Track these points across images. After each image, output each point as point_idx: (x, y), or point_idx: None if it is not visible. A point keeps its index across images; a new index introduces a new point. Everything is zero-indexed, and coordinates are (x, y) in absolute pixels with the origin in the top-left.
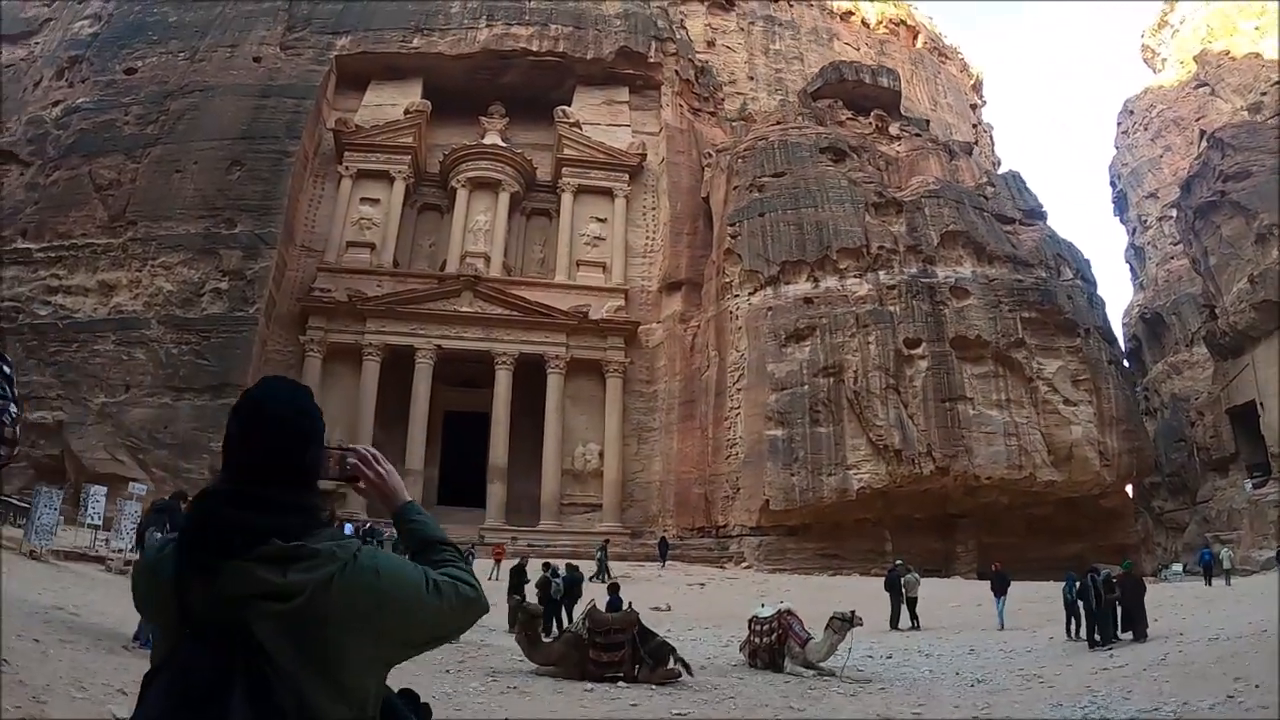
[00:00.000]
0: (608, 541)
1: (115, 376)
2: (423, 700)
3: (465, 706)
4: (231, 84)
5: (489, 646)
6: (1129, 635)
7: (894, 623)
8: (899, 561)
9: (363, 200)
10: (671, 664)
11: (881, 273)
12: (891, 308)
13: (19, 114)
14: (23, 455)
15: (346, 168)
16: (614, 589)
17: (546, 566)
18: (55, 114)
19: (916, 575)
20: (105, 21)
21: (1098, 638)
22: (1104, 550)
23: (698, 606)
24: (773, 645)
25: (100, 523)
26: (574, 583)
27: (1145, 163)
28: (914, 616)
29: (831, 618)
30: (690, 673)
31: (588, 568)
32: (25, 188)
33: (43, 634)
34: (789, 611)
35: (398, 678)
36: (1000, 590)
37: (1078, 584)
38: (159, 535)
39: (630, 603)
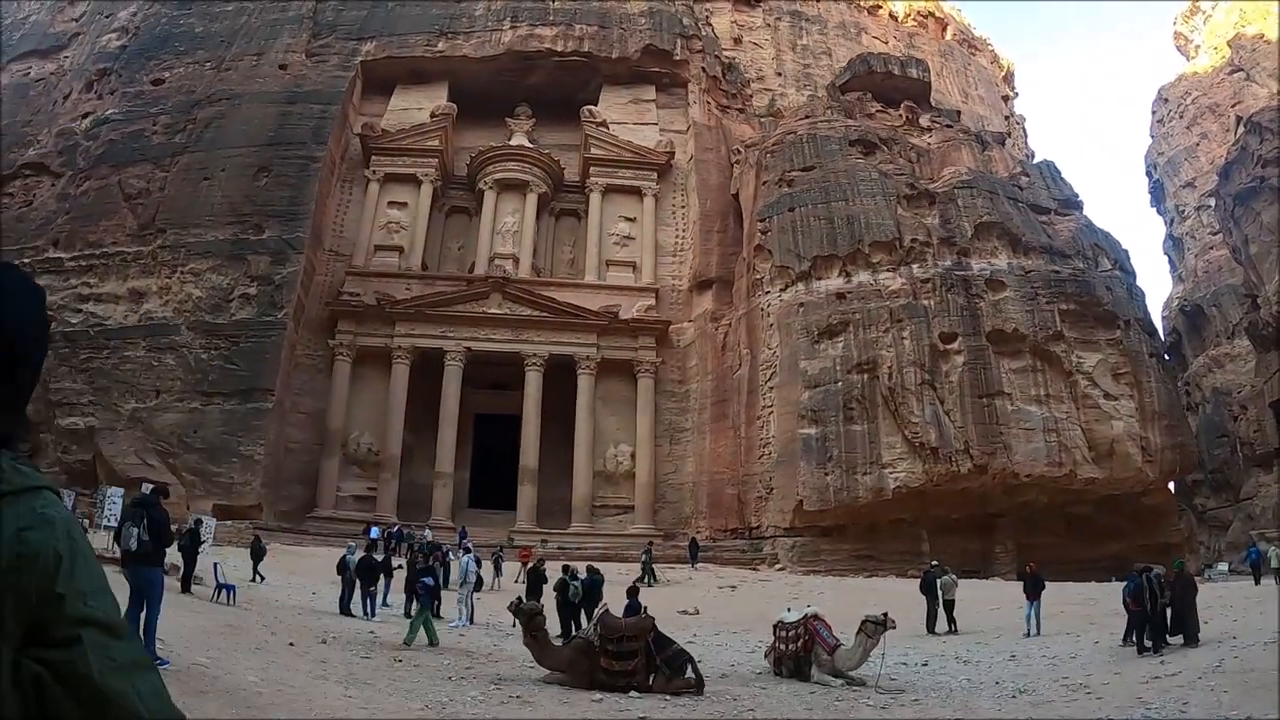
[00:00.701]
0: (652, 544)
1: (146, 382)
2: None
3: (458, 717)
4: (258, 91)
5: (501, 651)
6: (1179, 639)
7: (930, 626)
8: (935, 563)
9: (390, 204)
10: (689, 674)
11: (915, 266)
12: (926, 301)
13: (49, 126)
14: (55, 461)
15: (373, 172)
16: (632, 592)
17: (566, 569)
18: (84, 125)
19: (953, 577)
20: (132, 34)
21: (1148, 643)
22: (1147, 550)
23: (727, 610)
24: (798, 652)
25: (116, 524)
26: (594, 586)
27: (1181, 151)
28: (951, 620)
29: (864, 621)
30: (702, 688)
31: (615, 570)
32: (56, 198)
33: None
34: (816, 616)
35: (392, 684)
36: (1034, 594)
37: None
38: (135, 531)
39: (646, 608)
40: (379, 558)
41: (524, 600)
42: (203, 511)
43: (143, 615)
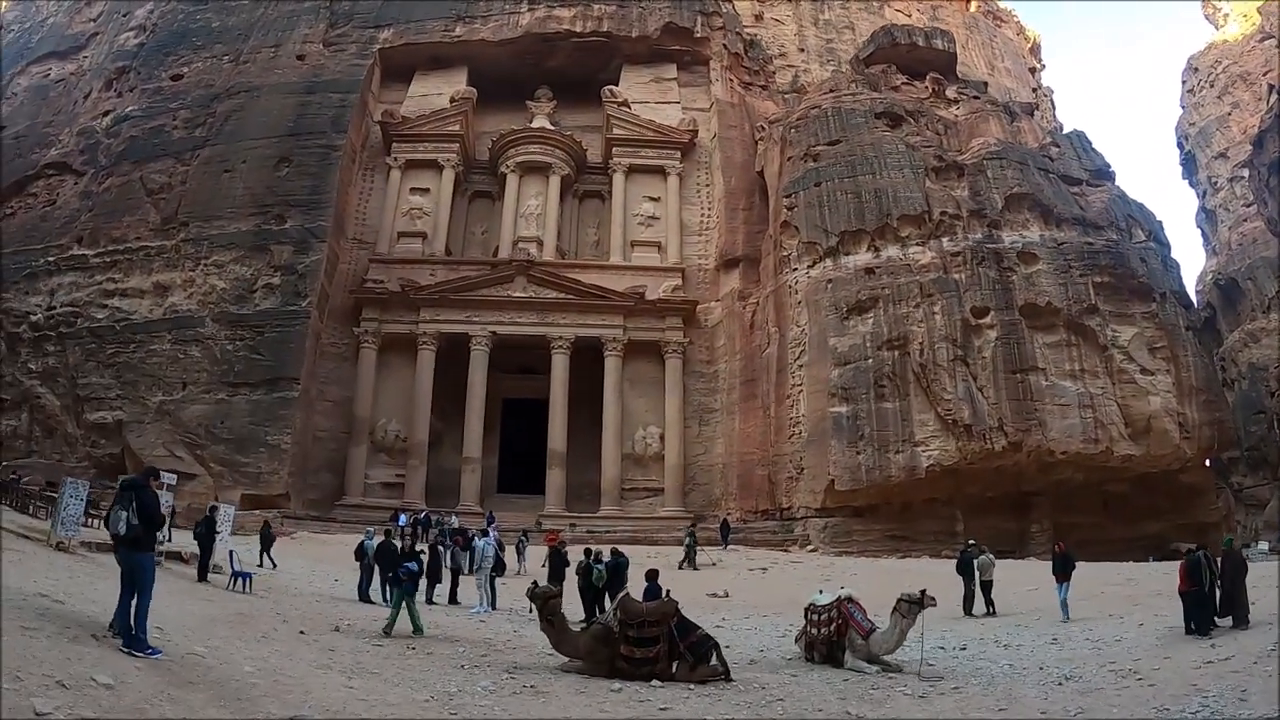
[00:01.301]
0: (695, 525)
1: (172, 375)
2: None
3: (464, 709)
4: (276, 83)
5: (520, 638)
6: (1227, 621)
7: (967, 608)
8: (971, 542)
9: (412, 190)
10: (714, 661)
11: (945, 239)
12: (956, 275)
13: (70, 126)
14: (84, 455)
15: (395, 159)
16: (652, 575)
17: (588, 552)
18: (105, 124)
19: (990, 557)
20: (150, 31)
21: (1193, 625)
22: (1184, 529)
23: (758, 593)
24: (831, 637)
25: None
26: (618, 569)
27: (1213, 121)
28: (989, 601)
29: (899, 600)
30: (729, 676)
31: (644, 553)
32: (79, 196)
33: (5, 620)
34: (850, 599)
35: (400, 674)
36: (1063, 575)
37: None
38: (124, 514)
39: (668, 590)
40: (398, 543)
41: (538, 585)
42: (230, 501)
43: (134, 604)
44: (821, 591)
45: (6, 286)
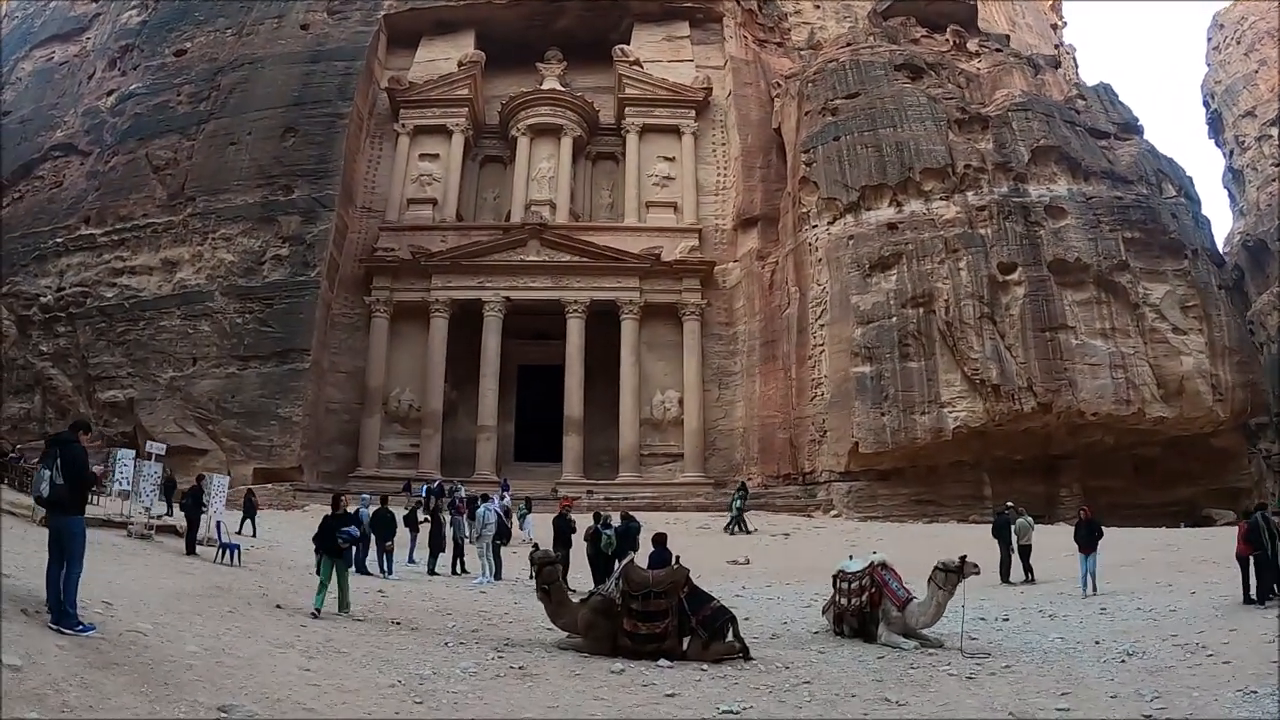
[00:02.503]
0: (744, 487)
1: (182, 350)
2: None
3: (432, 696)
4: (281, 53)
5: (520, 611)
6: None
7: (1004, 575)
8: (1009, 504)
9: (421, 156)
10: (730, 637)
11: (970, 193)
12: (982, 230)
13: (75, 107)
14: (97, 435)
15: (403, 125)
16: (660, 540)
17: (597, 516)
18: (110, 102)
19: (1029, 520)
20: (152, 9)
21: (1253, 594)
22: (1216, 495)
23: (780, 559)
24: (862, 608)
25: (129, 487)
26: (629, 534)
27: (1240, 79)
28: (1028, 568)
29: (935, 569)
30: (748, 655)
31: (662, 519)
32: (86, 176)
33: None
34: (883, 564)
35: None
36: (1088, 545)
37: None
38: (48, 473)
39: (678, 556)
40: (404, 513)
41: (538, 548)
42: (244, 476)
43: (63, 574)
44: (851, 557)
45: (16, 270)
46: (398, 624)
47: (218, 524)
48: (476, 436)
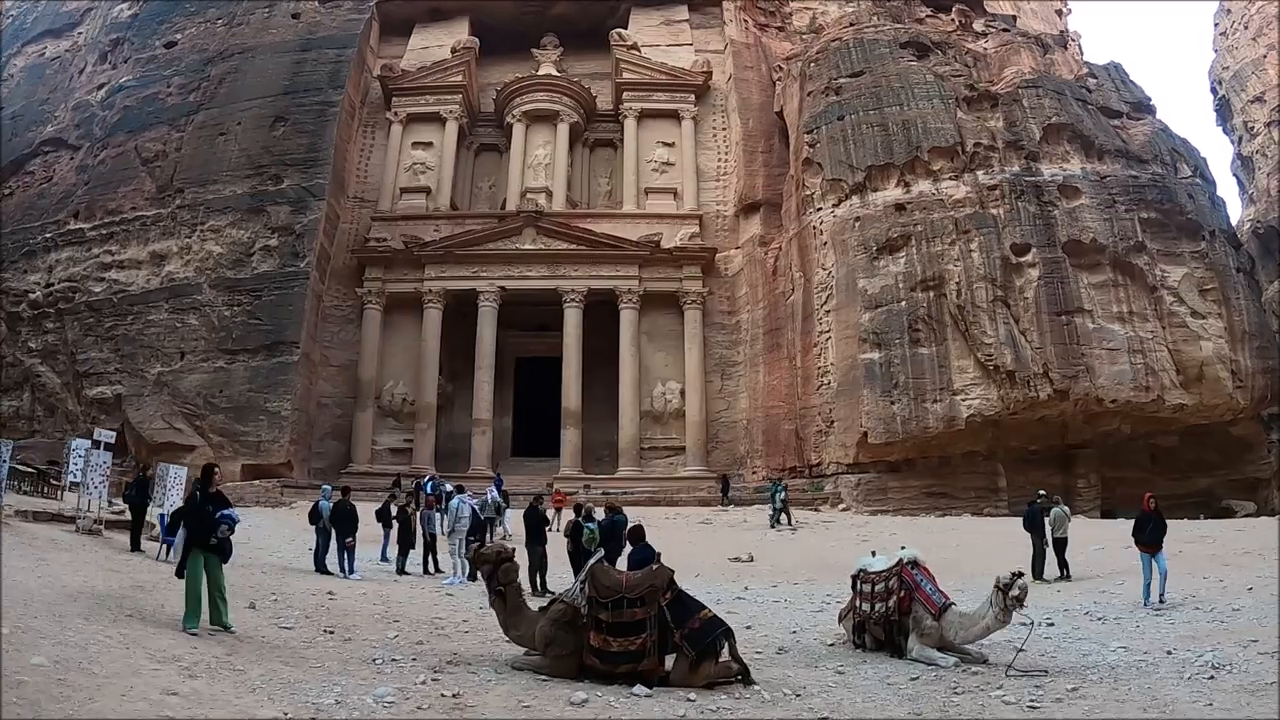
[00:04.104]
0: (782, 480)
1: (170, 345)
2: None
3: None
4: (271, 43)
5: (483, 620)
6: None
7: (1037, 571)
8: (1041, 493)
9: (415, 145)
10: (725, 656)
11: (980, 173)
12: (994, 210)
13: (65, 102)
14: (85, 433)
15: (395, 113)
16: (636, 535)
17: (578, 509)
18: (100, 96)
19: (1065, 509)
20: (143, 2)
21: None
22: (1234, 485)
23: (787, 556)
24: (888, 615)
25: (80, 479)
26: (615, 528)
27: (1248, 65)
28: (1063, 564)
29: (997, 589)
30: (748, 679)
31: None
32: (75, 170)
33: None
34: (913, 562)
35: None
36: (1154, 542)
37: None
38: None
39: (659, 555)
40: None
41: (485, 543)
42: (232, 473)
43: None
44: (874, 554)
45: (6, 267)
46: (330, 633)
47: (161, 517)
48: (472, 431)
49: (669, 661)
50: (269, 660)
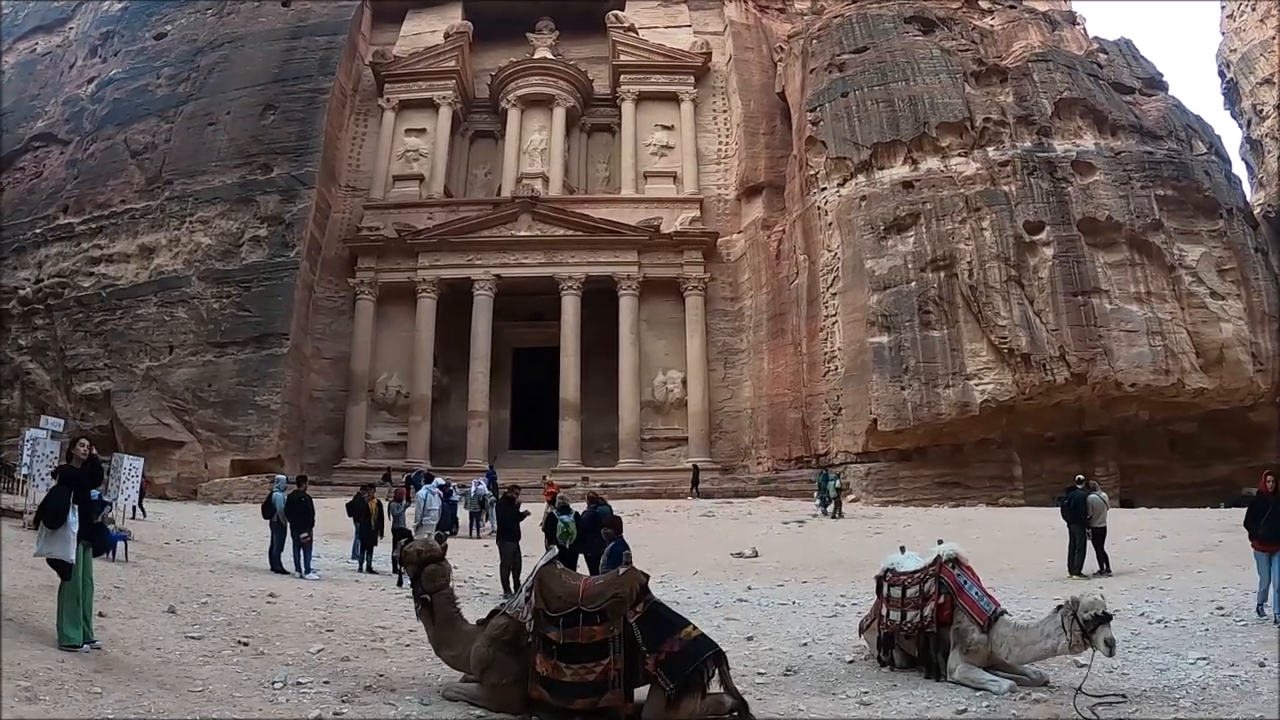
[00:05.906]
0: (831, 470)
1: (158, 339)
2: None
3: None
4: (261, 31)
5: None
6: None
7: (1074, 565)
8: (1079, 478)
9: (408, 132)
10: (714, 688)
11: (990, 149)
12: (1006, 187)
13: (56, 96)
14: (74, 430)
15: (387, 100)
16: (613, 526)
17: (553, 500)
18: (90, 90)
19: (1103, 496)
20: None
21: None
22: (1254, 473)
23: (794, 551)
24: (924, 626)
25: (29, 471)
26: (595, 521)
27: (1256, 46)
28: (1102, 557)
29: (1070, 609)
30: (745, 716)
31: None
32: (65, 165)
33: None
34: (954, 559)
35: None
36: (1273, 538)
37: None
38: None
39: (630, 552)
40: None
41: (409, 540)
42: (221, 469)
43: None
44: (903, 549)
45: None
46: (244, 644)
47: (103, 508)
48: (468, 424)
49: (637, 696)
50: (143, 680)
